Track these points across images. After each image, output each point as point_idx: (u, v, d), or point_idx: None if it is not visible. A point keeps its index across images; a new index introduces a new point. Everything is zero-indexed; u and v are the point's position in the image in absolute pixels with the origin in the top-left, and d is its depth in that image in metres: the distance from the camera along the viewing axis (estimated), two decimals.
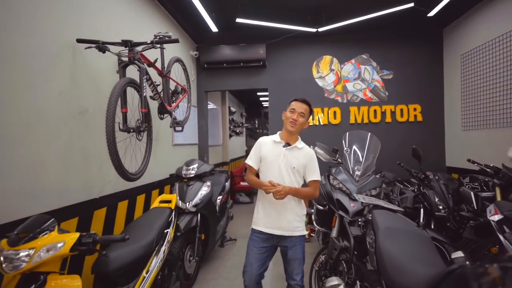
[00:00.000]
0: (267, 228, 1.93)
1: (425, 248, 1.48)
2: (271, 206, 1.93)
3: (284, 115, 2.04)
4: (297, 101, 2.00)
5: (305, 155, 2.00)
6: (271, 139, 2.04)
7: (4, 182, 1.53)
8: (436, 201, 2.75)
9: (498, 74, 3.30)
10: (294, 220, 1.94)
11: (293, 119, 1.94)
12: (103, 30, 2.40)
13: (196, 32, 4.61)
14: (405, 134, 4.51)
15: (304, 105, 1.98)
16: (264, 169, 1.98)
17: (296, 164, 1.94)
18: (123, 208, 2.68)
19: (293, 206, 1.95)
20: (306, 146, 2.07)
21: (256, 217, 2.00)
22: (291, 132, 1.97)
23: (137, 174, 2.21)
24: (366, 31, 4.53)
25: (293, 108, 1.97)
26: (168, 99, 2.81)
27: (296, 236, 1.93)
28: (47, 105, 1.83)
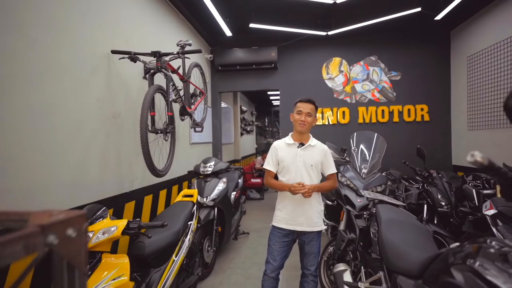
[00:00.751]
0: (289, 225, 2.05)
1: (422, 237, 1.68)
2: (293, 204, 2.04)
3: (292, 117, 2.12)
4: (302, 102, 2.07)
5: (320, 152, 2.10)
6: (284, 142, 2.13)
7: (59, 176, 1.80)
8: (438, 197, 2.92)
9: (504, 76, 3.43)
10: (315, 216, 2.06)
11: (301, 121, 2.03)
12: (133, 40, 2.65)
13: (211, 36, 4.84)
14: (412, 134, 4.66)
15: (309, 105, 2.06)
16: (283, 171, 2.08)
17: (313, 161, 2.05)
18: (148, 201, 2.94)
19: (314, 203, 2.07)
20: (318, 142, 2.16)
21: (278, 215, 2.10)
22: (302, 132, 2.08)
23: (164, 170, 2.46)
24: (375, 33, 4.67)
25: (300, 110, 2.05)
26: (189, 102, 3.05)
27: (315, 231, 2.07)
28: (88, 110, 2.10)
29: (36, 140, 1.65)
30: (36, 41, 1.67)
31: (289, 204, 2.06)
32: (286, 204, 2.08)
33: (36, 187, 1.63)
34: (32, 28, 1.65)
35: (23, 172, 1.56)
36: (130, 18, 2.66)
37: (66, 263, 0.50)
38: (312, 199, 2.06)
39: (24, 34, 1.60)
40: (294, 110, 2.11)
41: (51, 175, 1.74)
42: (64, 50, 1.89)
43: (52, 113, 1.77)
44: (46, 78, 1.74)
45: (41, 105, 1.70)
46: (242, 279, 3.02)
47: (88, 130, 2.09)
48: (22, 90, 1.58)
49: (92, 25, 2.15)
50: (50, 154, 1.74)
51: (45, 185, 1.69)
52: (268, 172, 2.12)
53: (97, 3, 2.21)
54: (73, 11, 1.97)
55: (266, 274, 2.09)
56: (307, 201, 2.03)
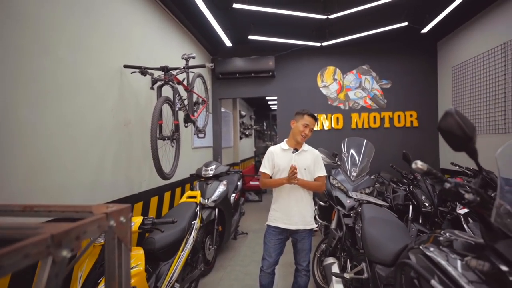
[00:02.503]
0: (284, 224, 2.21)
1: (398, 231, 1.92)
2: (288, 205, 2.21)
3: (294, 125, 2.26)
4: (310, 116, 2.24)
5: (311, 156, 2.28)
6: (280, 148, 2.30)
7: (80, 178, 2.04)
8: (422, 198, 3.18)
9: (486, 86, 3.69)
10: (308, 215, 2.24)
11: (305, 134, 2.21)
12: (142, 55, 2.90)
13: (212, 46, 5.11)
14: (402, 139, 4.92)
15: (314, 122, 2.26)
16: (278, 174, 2.24)
17: (306, 165, 2.23)
18: (154, 202, 3.18)
19: (307, 204, 2.25)
20: (310, 147, 2.34)
21: (273, 215, 2.26)
22: (300, 142, 2.26)
23: (170, 174, 2.70)
24: (366, 44, 4.95)
25: (307, 124, 2.21)
26: (192, 110, 3.29)
27: (307, 229, 2.24)
28: (104, 119, 2.34)
29: (63, 147, 1.89)
30: (63, 61, 1.91)
31: (284, 204, 2.23)
32: (281, 205, 2.24)
33: (61, 187, 1.87)
34: (60, 48, 1.90)
35: (52, 174, 1.80)
36: (140, 35, 2.91)
37: (117, 240, 0.75)
38: (305, 200, 2.26)
39: (53, 55, 1.84)
40: (298, 118, 2.26)
41: (73, 177, 1.98)
42: (86, 67, 2.13)
43: (75, 122, 2.01)
44: (71, 93, 1.98)
45: (67, 117, 1.94)
46: (241, 275, 3.25)
47: (104, 137, 2.33)
48: (53, 104, 1.82)
49: (108, 43, 2.40)
50: (73, 159, 1.98)
51: (68, 186, 1.93)
52: (263, 175, 2.28)
53: (112, 23, 2.46)
54: (93, 31, 2.22)
55: (263, 270, 2.26)
56: (301, 202, 2.22)
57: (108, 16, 2.42)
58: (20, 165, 1.60)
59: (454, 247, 1.10)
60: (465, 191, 0.96)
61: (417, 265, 1.08)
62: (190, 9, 3.66)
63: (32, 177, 1.66)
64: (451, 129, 0.97)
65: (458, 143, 0.98)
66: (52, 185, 1.78)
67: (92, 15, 2.22)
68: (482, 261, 0.88)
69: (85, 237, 0.59)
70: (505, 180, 0.96)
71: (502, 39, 3.36)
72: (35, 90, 1.71)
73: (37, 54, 1.72)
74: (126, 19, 2.68)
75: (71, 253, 0.52)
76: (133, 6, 2.82)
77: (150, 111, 2.34)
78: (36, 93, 1.72)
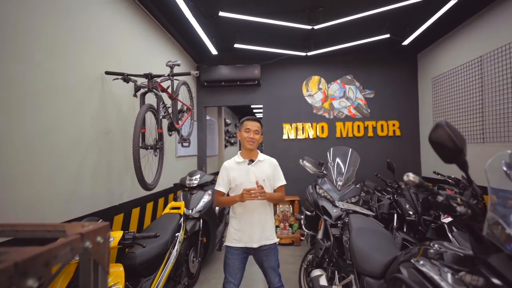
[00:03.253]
0: (245, 243, 2.09)
1: (386, 242, 1.91)
2: (249, 221, 2.09)
3: (239, 136, 2.18)
4: (249, 120, 2.15)
5: (269, 165, 2.17)
6: (234, 161, 2.18)
7: (57, 190, 1.92)
8: (406, 207, 3.21)
9: (464, 97, 3.82)
10: (269, 230, 2.13)
11: (250, 138, 2.11)
12: (125, 61, 2.82)
13: (197, 54, 5.06)
14: (386, 148, 5.01)
15: (256, 123, 2.15)
16: (237, 189, 2.10)
17: (265, 175, 2.12)
18: (136, 214, 3.05)
19: (265, 218, 2.14)
20: (267, 156, 2.23)
21: (234, 235, 2.12)
22: (251, 149, 2.14)
23: (153, 184, 2.60)
24: (350, 54, 5.05)
25: (248, 128, 2.13)
26: (176, 118, 3.22)
27: (270, 244, 2.12)
28: (83, 127, 2.23)
29: (38, 157, 1.78)
30: (40, 66, 1.81)
31: (246, 222, 2.11)
32: (243, 222, 2.11)
33: (36, 200, 1.74)
34: (37, 53, 1.80)
35: (26, 186, 1.68)
36: (122, 40, 2.83)
37: (93, 263, 0.68)
38: (268, 214, 2.17)
39: (30, 60, 1.74)
40: (241, 128, 2.18)
41: (50, 189, 1.86)
42: (64, 73, 2.03)
43: (51, 131, 1.90)
44: (48, 99, 1.88)
45: (43, 124, 1.83)
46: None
47: (83, 146, 2.22)
48: (28, 111, 1.71)
49: (88, 49, 2.31)
50: (49, 169, 1.86)
51: (44, 198, 1.81)
52: (218, 193, 2.15)
53: (93, 28, 2.37)
54: (71, 36, 2.12)
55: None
56: (264, 217, 2.12)
57: (89, 21, 2.34)
58: None
59: (445, 260, 1.08)
60: (456, 203, 0.95)
61: (410, 280, 1.06)
62: (175, 16, 3.62)
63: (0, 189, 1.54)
64: (441, 141, 0.96)
65: (448, 155, 0.98)
66: (23, 197, 1.66)
67: (71, 19, 2.13)
68: (476, 276, 0.87)
69: (56, 262, 0.52)
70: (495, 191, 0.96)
71: (478, 52, 3.51)
72: (10, 96, 1.60)
73: (13, 59, 1.62)
74: (108, 25, 2.60)
75: (38, 282, 0.46)
76: (116, 11, 2.74)
77: (132, 120, 2.25)
78: (11, 99, 1.61)
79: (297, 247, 4.50)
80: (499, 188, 0.95)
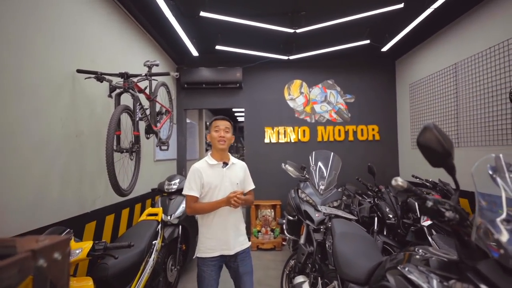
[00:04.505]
0: (222, 251, 1.97)
1: (369, 247, 1.89)
2: (223, 228, 1.98)
3: (209, 137, 2.09)
4: (218, 120, 2.07)
5: (241, 168, 2.13)
6: (206, 164, 2.05)
7: (20, 197, 1.75)
8: (387, 210, 3.24)
9: (441, 102, 3.94)
10: (239, 234, 2.05)
11: (220, 137, 2.02)
12: (99, 59, 2.67)
13: (177, 55, 4.94)
14: (366, 151, 5.08)
15: (226, 122, 2.07)
16: (209, 194, 1.99)
17: (238, 179, 2.07)
18: (110, 221, 2.88)
19: (236, 222, 2.05)
20: (237, 159, 2.18)
21: (207, 244, 1.99)
22: (222, 149, 2.05)
23: (128, 190, 2.46)
24: (332, 59, 5.11)
25: (217, 126, 2.05)
26: (155, 121, 3.09)
27: (245, 248, 2.05)
28: (51, 129, 2.07)
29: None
30: (3, 63, 1.66)
31: (220, 229, 1.99)
32: (217, 230, 1.98)
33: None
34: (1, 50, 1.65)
35: None
36: (96, 37, 2.68)
37: (49, 284, 0.58)
38: (240, 219, 2.10)
39: None
40: (211, 129, 2.10)
41: (12, 195, 1.69)
42: (30, 71, 1.88)
43: (15, 132, 1.74)
44: (12, 98, 1.72)
45: (5, 125, 1.67)
46: None
47: (51, 149, 2.05)
48: None
49: (58, 45, 2.16)
50: (11, 174, 1.70)
51: (5, 205, 1.64)
52: (191, 198, 1.98)
53: (64, 24, 2.22)
54: (41, 32, 1.97)
55: None
56: (238, 223, 2.05)
57: (60, 16, 2.19)
58: None
59: (431, 266, 1.06)
60: (445, 209, 0.92)
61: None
62: (155, 16, 3.50)
63: None
64: (430, 144, 0.94)
65: (436, 158, 0.95)
66: None
67: (40, 14, 1.98)
68: (466, 284, 0.84)
69: None
70: (481, 196, 0.94)
71: (453, 59, 3.63)
72: None
73: None
74: (81, 21, 2.46)
75: None
76: (90, 6, 2.60)
77: (106, 121, 2.12)
78: None
79: (278, 252, 4.44)
80: (485, 193, 0.94)
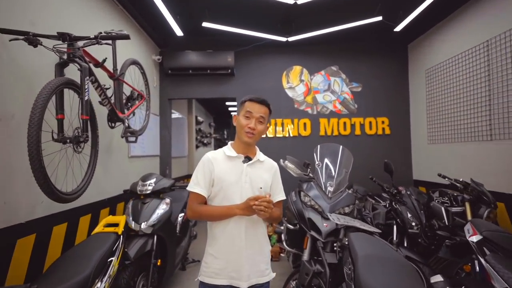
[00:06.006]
0: (230, 279, 1.41)
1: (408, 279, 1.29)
2: (236, 245, 1.42)
3: (236, 121, 1.56)
4: (253, 101, 1.50)
5: (269, 170, 1.58)
6: (223, 154, 1.53)
7: None
8: (409, 217, 2.65)
9: (463, 89, 3.36)
10: (260, 261, 1.47)
11: (250, 128, 1.47)
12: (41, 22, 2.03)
13: (160, 36, 4.30)
14: (374, 147, 4.50)
15: (263, 108, 1.51)
16: (221, 194, 1.46)
17: (263, 183, 1.50)
18: (59, 233, 2.25)
19: (257, 241, 1.47)
20: (267, 157, 1.63)
21: (212, 265, 1.43)
22: (248, 144, 1.53)
23: (74, 193, 1.84)
24: (336, 43, 4.52)
25: (250, 112, 1.49)
26: (121, 106, 2.47)
27: (264, 283, 1.47)
28: None
29: None
30: None
31: (231, 246, 1.42)
32: (227, 247, 1.43)
33: None
34: None
35: None
36: None
37: None
38: (261, 236, 1.51)
39: None
40: (240, 111, 1.56)
41: None
42: None
43: None
44: None
45: None
46: None
47: None
48: None
49: None
50: None
51: None
52: (195, 197, 1.45)
53: None
54: None
55: None
56: (256, 241, 1.46)
57: None
58: None
59: None
60: None
61: None
62: None
63: None
64: None
65: None
66: None
67: None
68: None
69: None
70: None
71: (484, 36, 3.04)
72: None
73: None
74: None
75: None
76: None
77: None
78: None
79: (276, 262, 3.83)
80: None
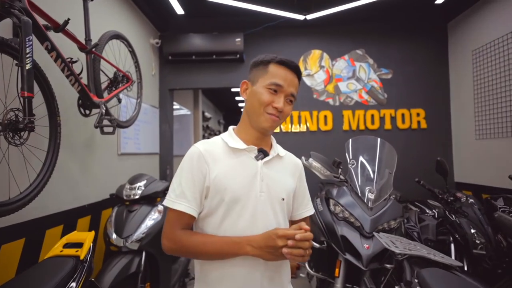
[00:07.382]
0: None
1: None
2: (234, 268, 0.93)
3: (248, 91, 1.03)
4: (285, 66, 0.99)
5: (292, 171, 1.08)
6: (224, 146, 1.01)
7: None
8: (472, 233, 2.00)
9: None
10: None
11: (276, 109, 0.96)
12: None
13: (159, 17, 3.76)
14: (408, 143, 3.83)
15: (296, 79, 1.02)
16: (220, 212, 0.94)
17: (286, 190, 1.01)
18: (14, 252, 1.72)
19: (286, 282, 1.03)
20: (287, 152, 1.14)
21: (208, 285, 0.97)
22: (267, 131, 1.02)
23: (15, 202, 1.29)
24: (362, 22, 3.88)
25: (277, 84, 0.97)
26: (96, 87, 1.92)
27: None
28: None
29: None
30: None
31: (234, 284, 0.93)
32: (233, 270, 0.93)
33: None
34: None
35: None
36: None
37: None
38: (284, 273, 1.02)
39: None
40: (257, 77, 1.01)
41: None
42: None
43: None
44: None
45: None
46: None
47: None
48: None
49: None
50: None
51: None
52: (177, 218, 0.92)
53: None
54: None
55: None
56: (274, 274, 0.96)
57: None
58: None
59: None
60: None
61: None
62: None
63: None
64: None
65: None
66: None
67: None
68: None
69: None
70: None
71: None
72: None
73: None
74: None
75: None
76: None
77: None
78: None
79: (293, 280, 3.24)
80: None
